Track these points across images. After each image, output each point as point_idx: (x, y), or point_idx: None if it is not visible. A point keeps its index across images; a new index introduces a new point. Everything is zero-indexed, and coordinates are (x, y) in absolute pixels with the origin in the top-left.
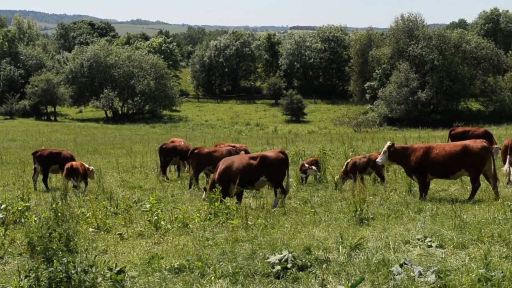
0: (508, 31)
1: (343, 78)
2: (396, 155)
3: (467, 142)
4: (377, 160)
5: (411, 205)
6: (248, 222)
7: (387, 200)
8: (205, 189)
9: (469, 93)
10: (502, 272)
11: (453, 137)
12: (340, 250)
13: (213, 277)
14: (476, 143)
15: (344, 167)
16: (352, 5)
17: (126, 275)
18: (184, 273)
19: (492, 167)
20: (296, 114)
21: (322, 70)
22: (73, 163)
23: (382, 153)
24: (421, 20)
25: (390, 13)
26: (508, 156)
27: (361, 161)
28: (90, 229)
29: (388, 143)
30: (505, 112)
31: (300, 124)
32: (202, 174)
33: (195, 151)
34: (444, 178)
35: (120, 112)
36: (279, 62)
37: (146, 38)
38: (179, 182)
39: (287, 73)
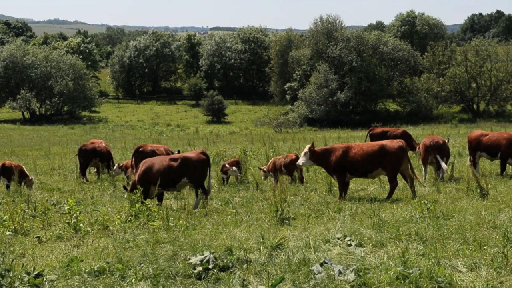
0: (424, 33)
1: (263, 79)
2: (317, 156)
3: (384, 142)
4: (298, 162)
5: (331, 204)
6: (169, 223)
7: (308, 200)
8: (124, 187)
9: (386, 94)
10: (419, 270)
11: (372, 137)
12: (261, 250)
13: (134, 279)
14: (393, 143)
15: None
16: (272, 6)
17: (45, 279)
18: (104, 276)
19: (409, 166)
20: (217, 115)
21: (243, 71)
22: (6, 162)
23: (303, 155)
24: (339, 22)
25: (309, 14)
26: (437, 156)
27: (280, 161)
28: (7, 233)
29: (308, 146)
30: (421, 112)
31: (221, 125)
32: None
33: (140, 149)
34: (363, 177)
35: (37, 113)
36: (200, 63)
37: (64, 38)
38: (98, 184)
39: (207, 74)
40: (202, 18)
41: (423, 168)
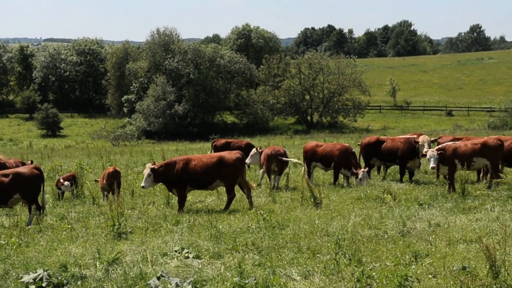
0: (259, 46)
1: (100, 91)
2: (160, 175)
3: (222, 153)
4: (142, 185)
5: (169, 217)
6: (1, 241)
7: (145, 213)
8: None
9: (224, 106)
10: (255, 279)
11: (216, 149)
12: (97, 265)
13: None
14: (231, 155)
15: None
16: (108, 18)
17: None
18: None
19: (245, 177)
20: (52, 129)
21: (79, 83)
22: None
23: (146, 177)
24: (176, 34)
25: (146, 27)
26: (271, 163)
27: (103, 174)
28: None
29: (151, 165)
30: (258, 124)
31: (57, 138)
32: None
33: None
34: (202, 189)
35: None
36: (33, 75)
37: None
38: None
39: (41, 86)
40: (35, 29)
41: (267, 177)
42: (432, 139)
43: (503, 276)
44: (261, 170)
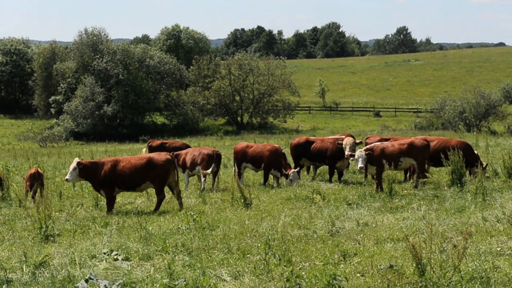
0: (189, 47)
1: (26, 92)
2: (86, 170)
3: (152, 154)
4: (66, 177)
5: (98, 219)
6: None
7: (74, 216)
8: None
9: (154, 107)
10: (185, 280)
11: (151, 150)
12: (24, 269)
13: None
14: (160, 156)
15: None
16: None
17: None
18: None
19: (176, 179)
20: None
21: (4, 84)
22: None
23: (71, 170)
24: (105, 34)
25: (74, 26)
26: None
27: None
28: None
29: (78, 159)
30: (188, 125)
31: None
32: None
33: None
34: (131, 191)
35: None
36: None
37: None
38: None
39: None
40: None
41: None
42: (358, 141)
43: (428, 273)
44: (185, 173)
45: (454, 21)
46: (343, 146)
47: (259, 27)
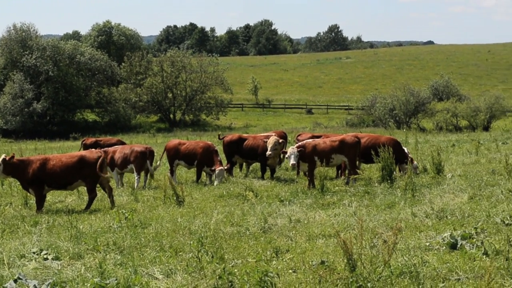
0: (121, 43)
1: None
2: (13, 168)
3: (83, 152)
4: None
5: (27, 218)
6: None
7: (2, 215)
8: None
9: (85, 104)
10: (117, 279)
11: (86, 147)
12: None
13: None
14: (92, 154)
15: None
16: None
17: None
18: None
19: (108, 177)
20: None
21: None
22: None
23: None
24: (34, 30)
25: (1, 22)
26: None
27: None
28: None
29: (3, 156)
30: (120, 122)
31: None
32: None
33: None
34: (62, 189)
35: None
36: None
37: None
38: None
39: None
40: None
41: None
42: (281, 140)
43: (359, 269)
44: (114, 171)
45: (385, 20)
46: (267, 144)
47: (191, 24)
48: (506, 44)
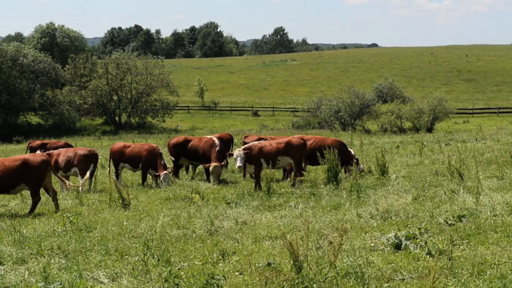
0: (65, 45)
1: None
2: None
3: (26, 156)
4: None
5: None
6: None
7: None
8: None
9: (28, 106)
10: (61, 284)
11: (32, 150)
12: None
13: None
14: (36, 157)
15: None
16: None
17: None
18: None
19: (51, 180)
20: None
21: None
22: None
23: None
24: None
25: None
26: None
27: None
28: None
29: None
30: (64, 125)
31: None
32: None
33: None
34: (5, 193)
35: None
36: None
37: None
38: None
39: None
40: None
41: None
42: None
43: (305, 270)
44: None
45: (329, 22)
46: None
47: (136, 26)
48: (448, 46)
